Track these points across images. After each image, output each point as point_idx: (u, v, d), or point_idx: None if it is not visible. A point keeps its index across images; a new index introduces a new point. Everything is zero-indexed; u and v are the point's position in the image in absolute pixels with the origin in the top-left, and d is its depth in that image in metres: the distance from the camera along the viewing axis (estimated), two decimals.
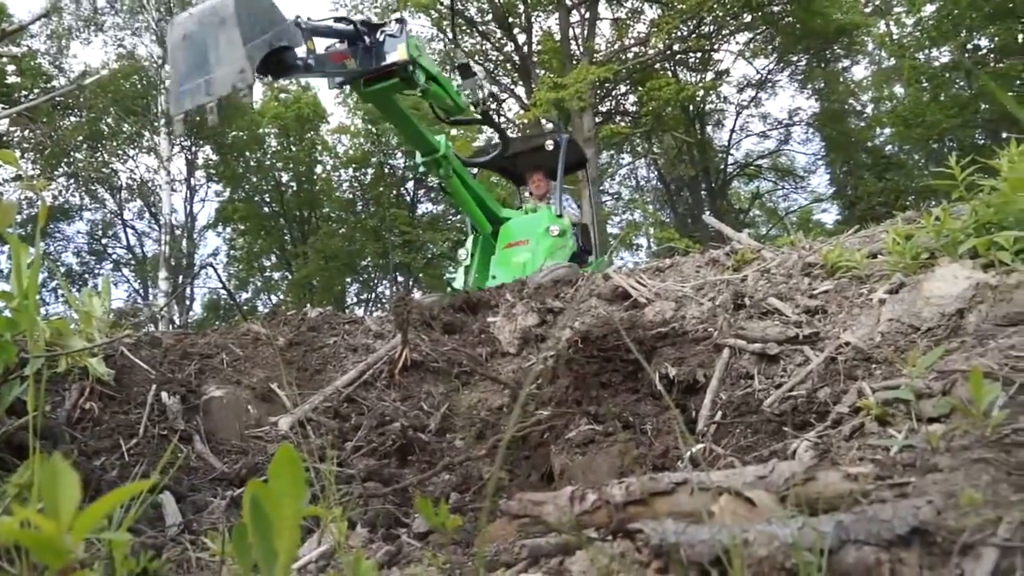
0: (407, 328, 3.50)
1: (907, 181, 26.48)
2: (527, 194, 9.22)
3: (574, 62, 21.91)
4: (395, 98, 5.76)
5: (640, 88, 23.28)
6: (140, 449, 2.25)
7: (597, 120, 22.69)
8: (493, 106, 7.76)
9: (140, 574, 1.15)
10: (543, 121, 22.19)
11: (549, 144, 8.76)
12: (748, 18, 23.64)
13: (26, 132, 23.72)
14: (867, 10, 27.42)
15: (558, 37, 23.62)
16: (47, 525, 0.53)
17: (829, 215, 32.77)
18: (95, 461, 2.10)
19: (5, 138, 23.05)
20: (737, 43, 25.81)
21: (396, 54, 5.23)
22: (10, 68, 23.81)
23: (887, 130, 28.38)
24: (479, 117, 6.92)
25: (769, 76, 28.61)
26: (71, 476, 0.56)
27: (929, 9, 23.24)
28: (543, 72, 24.00)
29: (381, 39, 5.29)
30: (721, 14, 22.77)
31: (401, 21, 5.43)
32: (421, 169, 6.85)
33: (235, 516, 1.94)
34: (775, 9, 23.17)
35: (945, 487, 1.07)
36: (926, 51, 25.16)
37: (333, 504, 1.20)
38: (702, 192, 30.27)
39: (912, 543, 0.90)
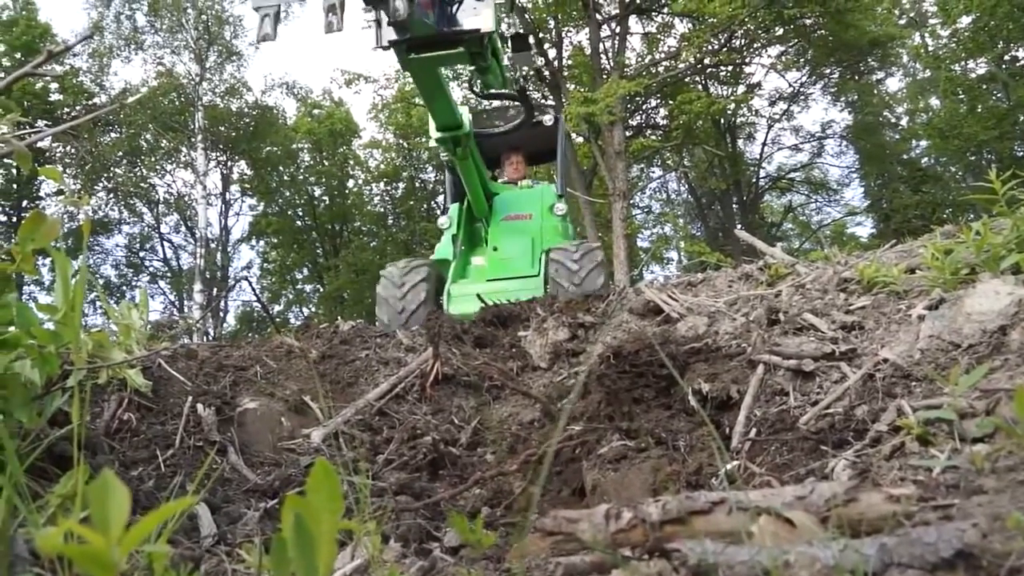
0: (438, 342, 3.51)
1: (943, 194, 26.09)
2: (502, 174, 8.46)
3: (604, 76, 21.92)
4: (440, 69, 5.00)
5: (671, 102, 23.23)
6: (176, 460, 2.28)
7: (627, 134, 22.66)
8: (531, 80, 7.36)
9: None
10: (573, 135, 22.18)
11: (548, 119, 7.93)
12: (780, 31, 23.49)
13: (68, 148, 24.33)
14: (901, 22, 27.16)
15: (588, 52, 23.66)
16: (96, 539, 0.54)
17: (864, 229, 32.40)
18: (132, 471, 2.13)
19: (48, 154, 23.66)
20: (769, 56, 25.66)
21: (480, 20, 4.27)
22: (53, 86, 24.48)
23: (923, 142, 28.03)
24: (515, 93, 6.33)
25: (802, 89, 28.38)
26: (121, 490, 0.57)
27: (965, 20, 22.93)
28: (573, 86, 24.06)
29: None
30: (753, 27, 22.65)
31: None
32: (433, 144, 6.30)
33: (269, 528, 1.96)
34: (808, 22, 22.99)
35: (990, 509, 1.05)
36: (962, 63, 24.81)
37: (368, 518, 1.20)
38: (733, 206, 30.05)
39: (957, 567, 0.88)
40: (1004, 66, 23.23)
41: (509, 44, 5.60)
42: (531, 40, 6.10)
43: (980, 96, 24.29)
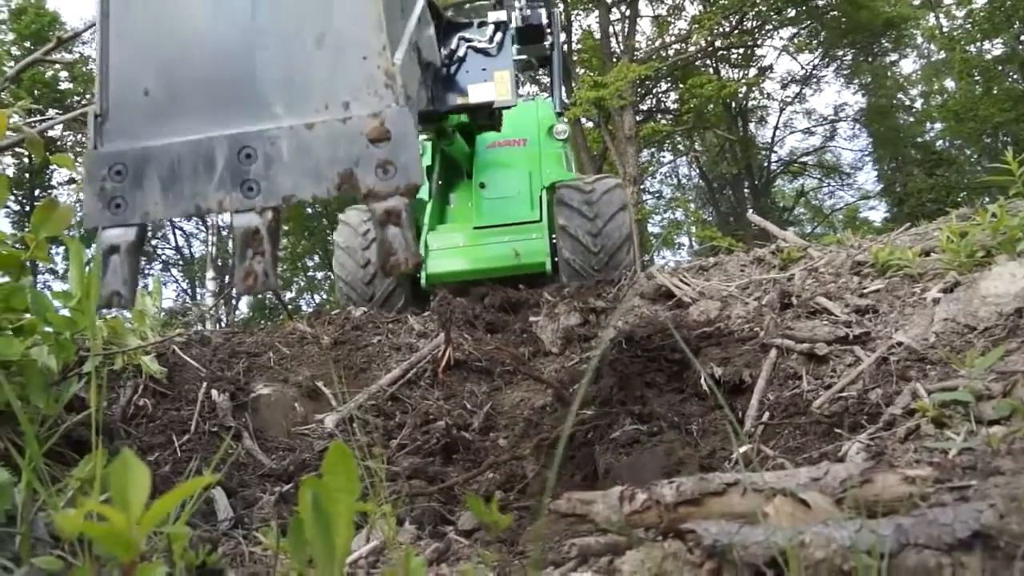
0: (450, 327, 3.52)
1: (958, 177, 25.83)
2: None
3: (614, 60, 21.78)
4: None
5: (681, 85, 23.08)
6: (192, 445, 2.31)
7: (638, 118, 22.54)
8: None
9: (199, 567, 1.18)
10: (583, 120, 22.07)
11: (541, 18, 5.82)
12: (792, 13, 23.27)
13: (79, 136, 24.41)
14: (915, 2, 26.82)
15: (598, 35, 23.51)
16: (117, 518, 0.55)
17: (877, 213, 32.15)
18: (149, 456, 2.15)
19: (59, 142, 23.76)
20: (781, 38, 25.43)
21: (493, 90, 3.19)
22: (63, 74, 24.54)
23: (937, 125, 27.75)
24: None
25: (814, 71, 28.12)
26: (141, 470, 0.58)
27: (981, 1, 22.63)
28: (583, 71, 23.92)
29: (460, 50, 3.16)
30: (764, 9, 22.45)
31: (501, 26, 3.24)
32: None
33: (284, 511, 1.97)
34: (820, 3, 22.76)
35: (1007, 490, 1.04)
36: (978, 43, 24.50)
37: (383, 501, 1.21)
38: (745, 190, 29.88)
39: (974, 547, 0.88)
40: (1021, 46, 22.93)
41: (515, 37, 4.59)
42: (546, 25, 4.96)
43: (996, 77, 23.99)
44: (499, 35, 3.24)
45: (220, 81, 1.24)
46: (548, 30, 6.11)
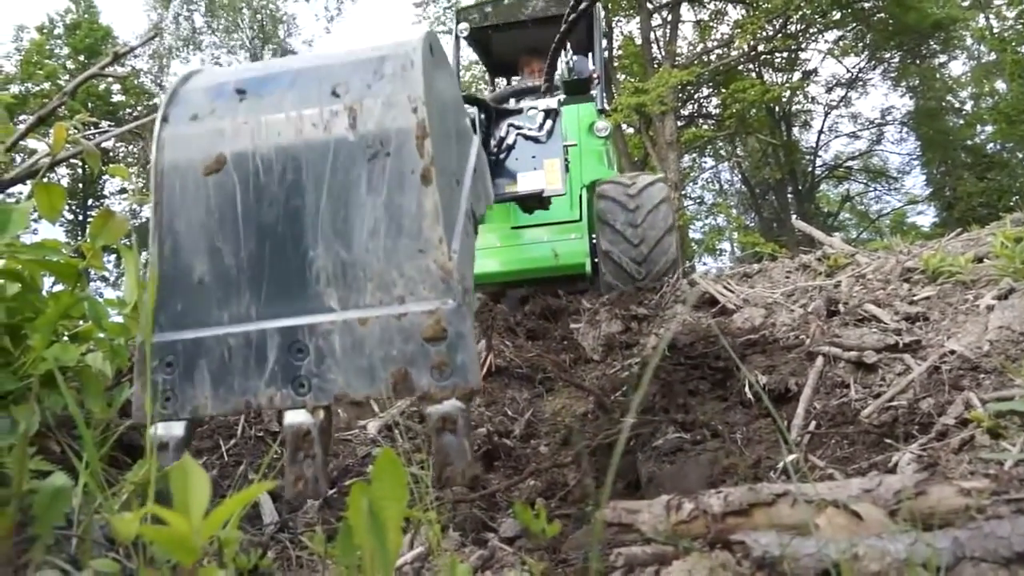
0: (491, 334, 3.53)
1: (1010, 181, 25.16)
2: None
3: (656, 66, 21.69)
4: None
5: (723, 90, 22.88)
6: (239, 450, 2.35)
7: (679, 123, 22.39)
8: None
9: (250, 571, 1.20)
10: (623, 126, 22.00)
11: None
12: (837, 15, 22.92)
13: (130, 147, 25.11)
14: (965, 3, 26.23)
15: (639, 41, 23.43)
16: (179, 523, 0.56)
17: (925, 217, 31.45)
18: (197, 460, 2.20)
19: (111, 154, 24.45)
20: (826, 41, 25.08)
21: (542, 179, 3.11)
22: (115, 87, 25.28)
23: (988, 128, 27.05)
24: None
25: (860, 74, 27.63)
26: (202, 476, 0.59)
27: None
28: (624, 77, 23.85)
29: (510, 138, 3.15)
30: (809, 12, 22.14)
31: (551, 113, 3.19)
32: None
33: (328, 515, 2.00)
34: (866, 5, 22.38)
35: None
36: None
37: (429, 507, 1.22)
38: (788, 195, 29.45)
39: None
40: None
41: (563, 88, 4.61)
42: (594, 78, 4.92)
43: None
44: (549, 122, 3.19)
45: (272, 271, 1.21)
46: (595, 77, 6.01)
